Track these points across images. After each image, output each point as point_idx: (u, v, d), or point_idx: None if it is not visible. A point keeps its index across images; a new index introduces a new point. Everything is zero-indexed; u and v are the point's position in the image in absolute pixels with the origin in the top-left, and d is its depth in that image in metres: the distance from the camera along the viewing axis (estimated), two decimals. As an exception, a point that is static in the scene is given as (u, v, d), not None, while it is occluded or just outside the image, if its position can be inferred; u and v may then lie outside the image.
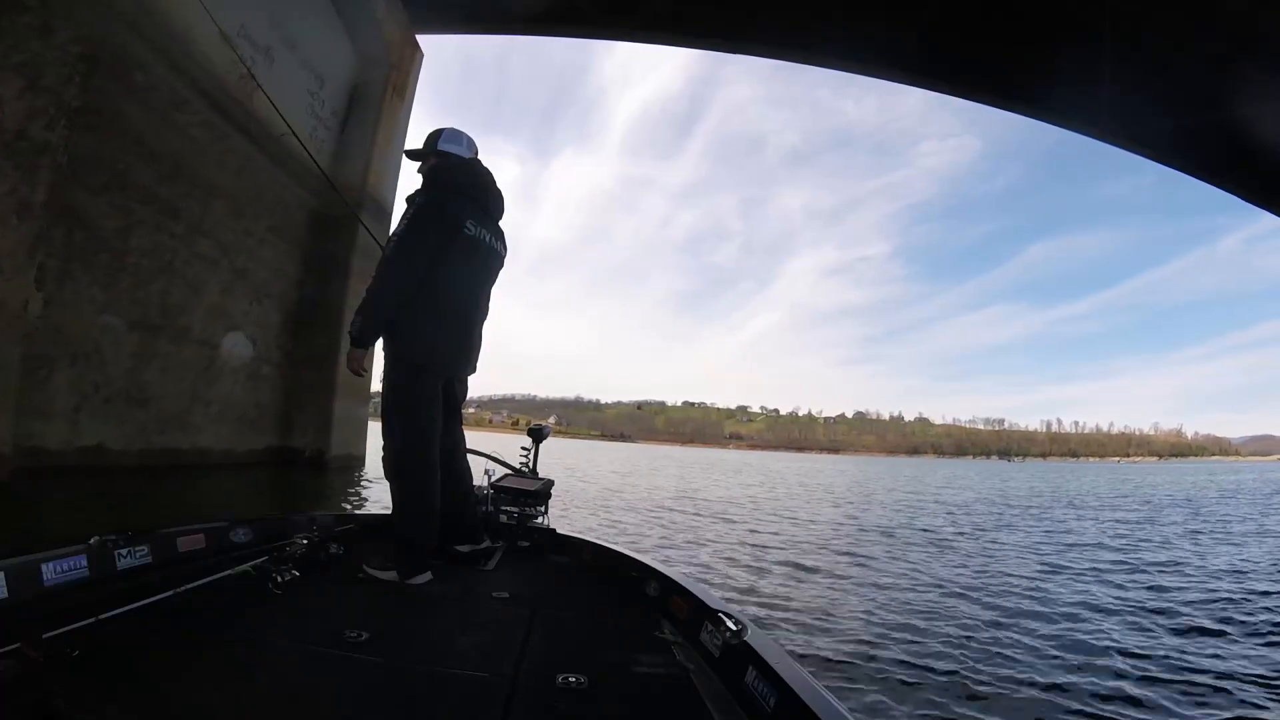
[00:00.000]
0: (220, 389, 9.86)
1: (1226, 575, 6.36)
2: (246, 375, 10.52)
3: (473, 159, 2.40)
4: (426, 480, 2.12)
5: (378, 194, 12.72)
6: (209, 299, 9.48)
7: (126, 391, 8.01)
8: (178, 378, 8.95)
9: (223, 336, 9.89)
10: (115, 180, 7.43)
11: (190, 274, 9.00)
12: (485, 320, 2.41)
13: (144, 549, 1.75)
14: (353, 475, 11.65)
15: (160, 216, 8.27)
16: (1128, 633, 4.22)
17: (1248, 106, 8.09)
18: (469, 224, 2.21)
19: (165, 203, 8.31)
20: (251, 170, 9.97)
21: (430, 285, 2.14)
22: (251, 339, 10.58)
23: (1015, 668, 3.45)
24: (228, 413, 10.07)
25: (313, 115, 11.56)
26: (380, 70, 12.89)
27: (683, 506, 12.16)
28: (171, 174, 8.33)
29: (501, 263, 2.41)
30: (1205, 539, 9.43)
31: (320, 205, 11.90)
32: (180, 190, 8.55)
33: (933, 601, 5.00)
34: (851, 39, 10.25)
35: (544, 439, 3.50)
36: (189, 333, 9.12)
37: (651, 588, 1.98)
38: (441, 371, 2.24)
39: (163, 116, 7.99)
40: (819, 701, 1.02)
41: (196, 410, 9.39)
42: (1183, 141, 9.57)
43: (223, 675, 1.22)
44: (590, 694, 1.25)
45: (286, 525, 2.30)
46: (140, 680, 1.15)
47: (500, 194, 2.40)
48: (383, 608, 1.78)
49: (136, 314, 8.08)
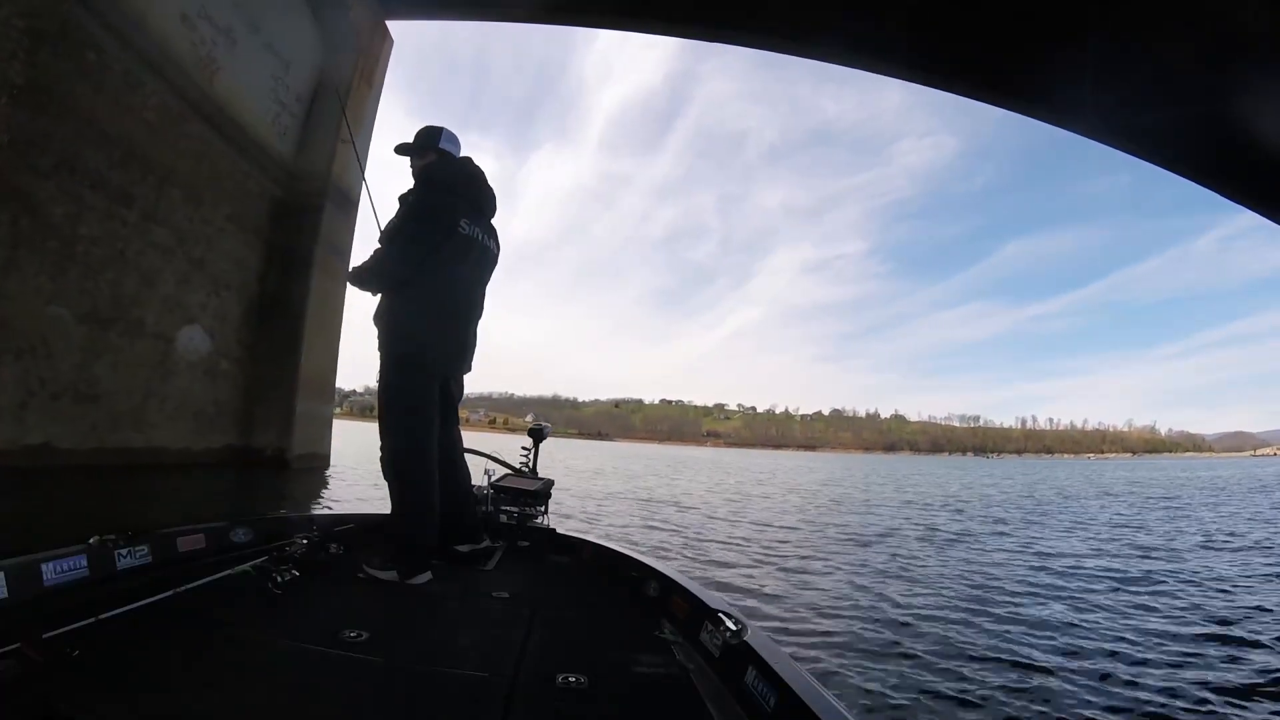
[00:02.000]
0: (176, 385, 9.64)
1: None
2: (204, 371, 10.30)
3: (466, 158, 2.46)
4: (424, 480, 2.16)
5: (343, 182, 12.52)
6: (164, 290, 9.25)
7: (75, 387, 7.80)
8: (130, 373, 8.73)
9: (178, 330, 9.67)
10: (65, 164, 7.22)
11: (144, 264, 8.78)
12: (480, 319, 2.47)
13: (144, 549, 1.78)
14: (317, 476, 11.44)
15: (112, 203, 8.06)
16: (1115, 626, 4.40)
17: (1234, 102, 8.31)
18: (463, 223, 2.24)
19: (118, 188, 8.10)
20: (210, 156, 9.75)
21: (425, 285, 2.18)
22: (209, 333, 10.35)
23: (1011, 662, 3.60)
24: (184, 410, 9.85)
25: (276, 100, 11.34)
26: (348, 56, 12.70)
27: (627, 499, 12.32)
28: (125, 158, 8.12)
29: (495, 262, 2.46)
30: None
31: (283, 194, 11.68)
32: (134, 176, 8.34)
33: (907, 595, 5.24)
34: (835, 28, 10.32)
35: (544, 439, 3.57)
36: (142, 326, 8.90)
37: (651, 588, 2.01)
38: (438, 371, 2.27)
39: (116, 98, 7.78)
40: (819, 701, 1.04)
41: (151, 407, 9.17)
42: (1166, 137, 9.80)
43: (223, 675, 1.24)
44: (590, 694, 1.27)
45: (286, 525, 2.34)
46: (140, 680, 1.16)
47: (492, 192, 2.45)
48: (382, 608, 1.81)
49: (86, 305, 7.86)
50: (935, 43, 10.18)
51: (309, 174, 12.06)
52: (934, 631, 4.12)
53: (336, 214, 12.47)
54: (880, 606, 4.71)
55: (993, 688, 3.21)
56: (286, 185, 11.77)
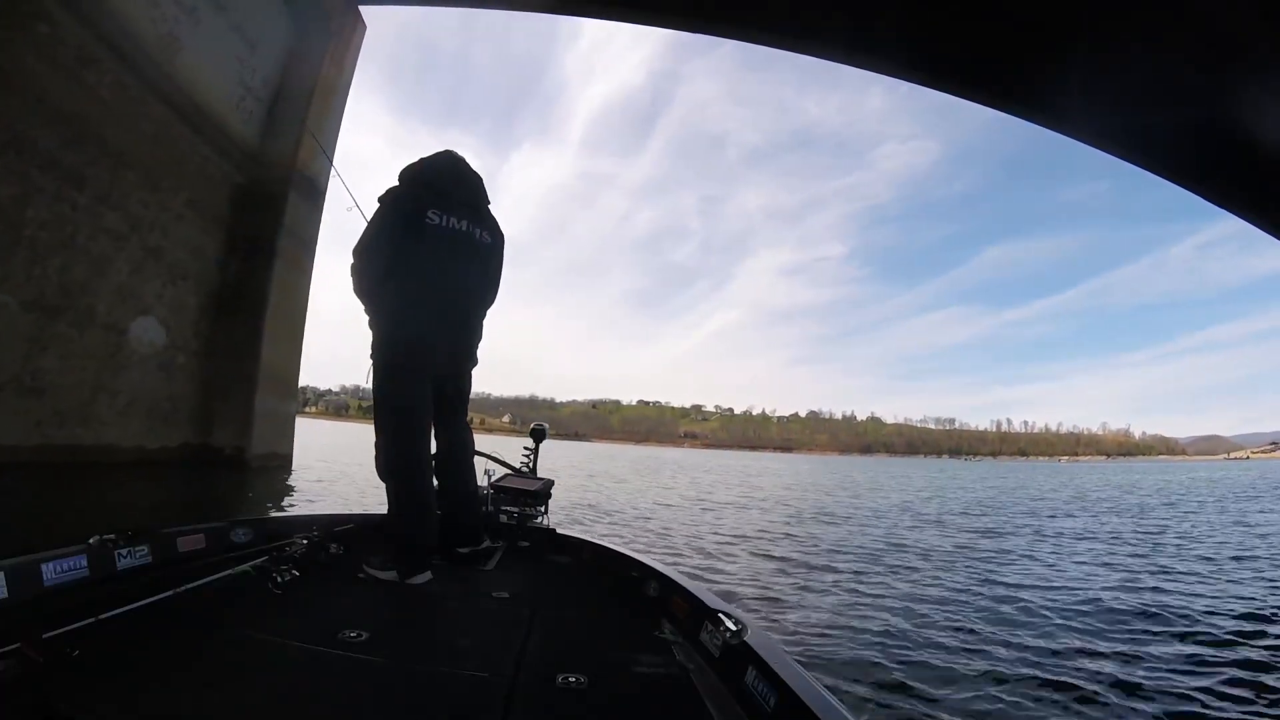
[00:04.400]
0: (128, 379, 9.38)
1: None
2: (158, 365, 10.04)
3: (441, 151, 2.47)
4: (415, 479, 2.18)
5: (309, 170, 12.30)
6: (116, 279, 9.00)
7: (20, 379, 7.56)
8: (79, 366, 8.48)
9: (132, 321, 9.41)
10: (12, 142, 6.99)
11: (95, 250, 8.54)
12: (480, 308, 2.46)
13: (144, 549, 1.80)
14: (277, 476, 11.17)
15: (62, 185, 7.81)
16: (1115, 626, 4.58)
17: (1223, 105, 8.56)
18: (431, 214, 2.24)
19: (69, 170, 7.86)
20: (169, 139, 9.51)
21: (401, 283, 2.21)
22: (165, 324, 10.09)
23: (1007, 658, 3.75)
24: (137, 406, 9.59)
25: (241, 84, 11.09)
26: (319, 40, 12.47)
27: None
28: (77, 138, 7.88)
29: (489, 249, 2.42)
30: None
31: (246, 181, 11.43)
32: (86, 157, 8.10)
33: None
34: (834, 25, 10.38)
35: (544, 439, 3.68)
36: (93, 315, 8.64)
37: (651, 588, 2.04)
38: (425, 369, 2.25)
39: (70, 74, 7.55)
40: (819, 701, 1.05)
41: (101, 402, 8.91)
42: (1153, 139, 10.07)
43: (223, 675, 1.25)
44: (590, 694, 1.29)
45: (286, 525, 2.34)
46: (140, 680, 1.18)
47: (472, 179, 2.46)
48: (382, 607, 1.84)
49: (32, 293, 7.62)
50: (929, 41, 10.31)
51: (274, 161, 11.82)
52: (933, 632, 4.26)
53: (302, 203, 12.26)
54: (880, 613, 4.83)
55: (993, 687, 3.31)
56: (250, 172, 11.51)
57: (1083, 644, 4.09)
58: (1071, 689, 3.31)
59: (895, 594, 5.29)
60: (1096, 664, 3.73)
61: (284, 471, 11.97)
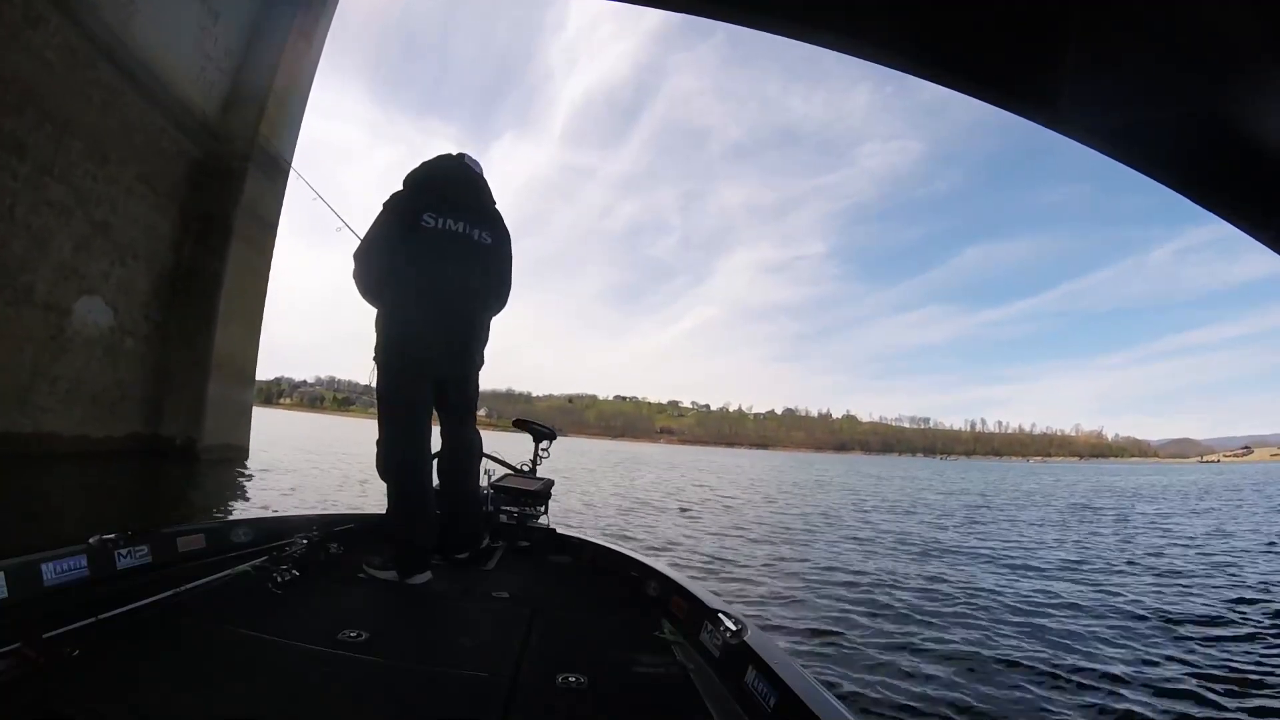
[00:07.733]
0: (71, 364, 9.04)
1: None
2: (104, 349, 9.69)
3: (440, 155, 2.53)
4: (410, 480, 2.22)
5: (271, 147, 11.94)
6: (59, 256, 8.65)
7: (-50, 363, 7.22)
8: (16, 348, 8.15)
9: (75, 301, 9.06)
10: (-55, 107, 6.64)
11: (36, 224, 8.19)
12: (482, 309, 2.50)
13: (144, 549, 1.83)
14: (230, 470, 10.83)
15: (1, 153, 7.45)
16: (1100, 627, 4.75)
17: (1215, 102, 8.96)
18: (427, 217, 2.31)
19: (9, 136, 7.53)
20: (119, 107, 9.14)
21: (398, 286, 2.27)
22: (112, 306, 9.74)
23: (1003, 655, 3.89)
24: (79, 392, 9.24)
25: (201, 53, 10.71)
26: (287, 10, 12.11)
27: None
28: (18, 103, 7.54)
29: (490, 250, 2.46)
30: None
31: (203, 155, 11.07)
32: (28, 122, 7.76)
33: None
34: (835, 13, 10.55)
35: (553, 440, 3.76)
36: (31, 294, 8.30)
37: (651, 588, 2.09)
38: (419, 368, 2.29)
39: (12, 33, 7.20)
40: (819, 701, 1.08)
41: (40, 388, 8.57)
42: (1144, 137, 10.51)
43: (223, 675, 1.28)
44: (590, 694, 1.32)
45: (286, 525, 2.39)
46: (140, 680, 1.20)
47: (472, 182, 2.51)
48: (382, 607, 1.88)
49: (-35, 270, 7.28)
50: (928, 30, 10.48)
51: (234, 135, 11.47)
52: (932, 632, 4.39)
53: (263, 180, 11.92)
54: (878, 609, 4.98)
55: (992, 687, 3.40)
56: (207, 146, 11.16)
57: (1083, 644, 4.26)
58: (1071, 689, 3.44)
59: (904, 604, 5.28)
60: (1096, 664, 3.88)
61: (237, 465, 11.65)
